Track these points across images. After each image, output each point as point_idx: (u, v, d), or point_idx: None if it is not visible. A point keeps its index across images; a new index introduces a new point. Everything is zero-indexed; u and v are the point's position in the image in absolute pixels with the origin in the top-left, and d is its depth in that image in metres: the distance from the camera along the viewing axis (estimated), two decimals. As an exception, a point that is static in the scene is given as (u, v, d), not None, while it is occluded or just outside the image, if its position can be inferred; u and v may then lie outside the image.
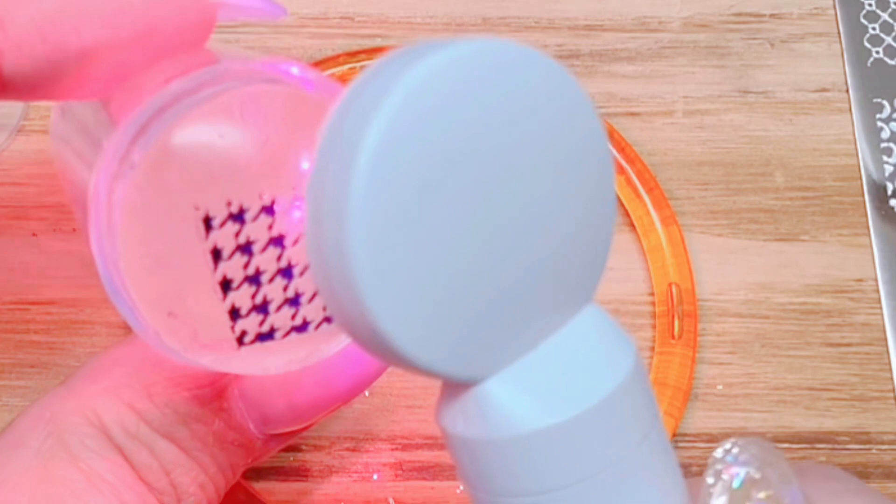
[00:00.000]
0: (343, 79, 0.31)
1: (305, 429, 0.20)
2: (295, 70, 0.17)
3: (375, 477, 0.28)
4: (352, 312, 0.13)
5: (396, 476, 0.28)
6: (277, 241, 0.17)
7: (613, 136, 0.31)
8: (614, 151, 0.31)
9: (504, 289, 0.14)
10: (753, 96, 0.33)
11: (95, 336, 0.29)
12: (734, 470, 0.17)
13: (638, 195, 0.31)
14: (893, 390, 0.29)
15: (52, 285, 0.29)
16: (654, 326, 0.29)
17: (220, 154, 0.17)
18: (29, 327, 0.29)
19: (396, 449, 0.28)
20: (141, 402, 0.18)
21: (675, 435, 0.28)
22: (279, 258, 0.17)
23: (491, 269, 0.14)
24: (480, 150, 0.14)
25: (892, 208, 0.31)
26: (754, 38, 0.33)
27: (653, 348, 0.29)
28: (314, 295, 0.17)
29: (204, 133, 0.16)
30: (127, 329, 0.29)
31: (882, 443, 0.29)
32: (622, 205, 0.31)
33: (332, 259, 0.13)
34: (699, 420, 0.29)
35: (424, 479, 0.28)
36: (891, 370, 0.29)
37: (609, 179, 0.15)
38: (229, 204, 0.16)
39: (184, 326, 0.17)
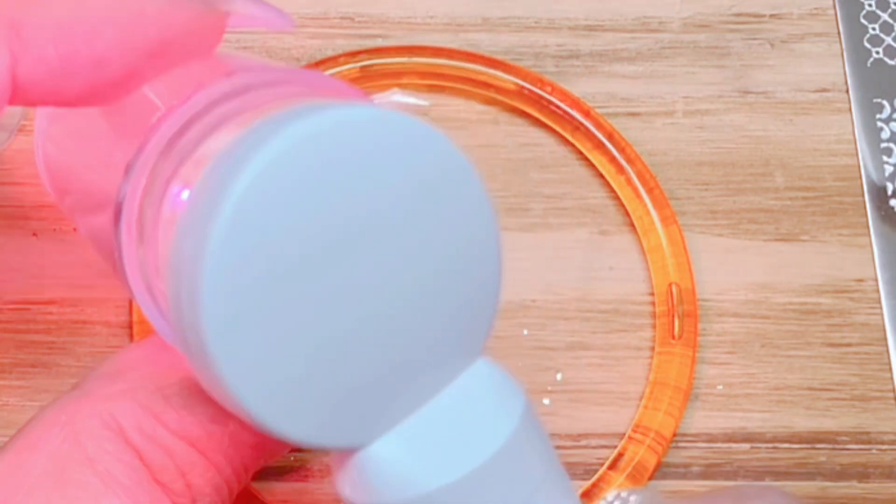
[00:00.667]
0: (343, 79, 0.31)
1: None
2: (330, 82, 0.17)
3: (375, 477, 0.28)
4: (221, 395, 0.13)
5: (396, 476, 0.28)
6: None
7: (614, 137, 0.31)
8: (615, 151, 0.31)
9: (378, 359, 0.14)
10: (753, 96, 0.33)
11: (95, 336, 0.29)
12: None
13: (638, 195, 0.31)
14: (893, 390, 0.29)
15: (52, 285, 0.29)
16: (654, 326, 0.29)
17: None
18: (29, 327, 0.29)
19: (396, 449, 0.28)
20: (157, 404, 0.18)
21: (674, 435, 0.28)
22: None
23: (361, 341, 0.14)
24: (342, 220, 0.13)
25: (892, 208, 0.31)
26: (754, 39, 0.33)
27: (653, 348, 0.29)
28: None
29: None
30: (128, 328, 0.29)
31: (882, 443, 0.29)
32: (622, 205, 0.31)
33: (193, 341, 0.13)
34: (699, 420, 0.29)
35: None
36: (891, 370, 0.30)
37: (492, 237, 0.15)
38: None
39: None
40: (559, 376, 0.29)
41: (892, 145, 0.32)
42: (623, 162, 0.31)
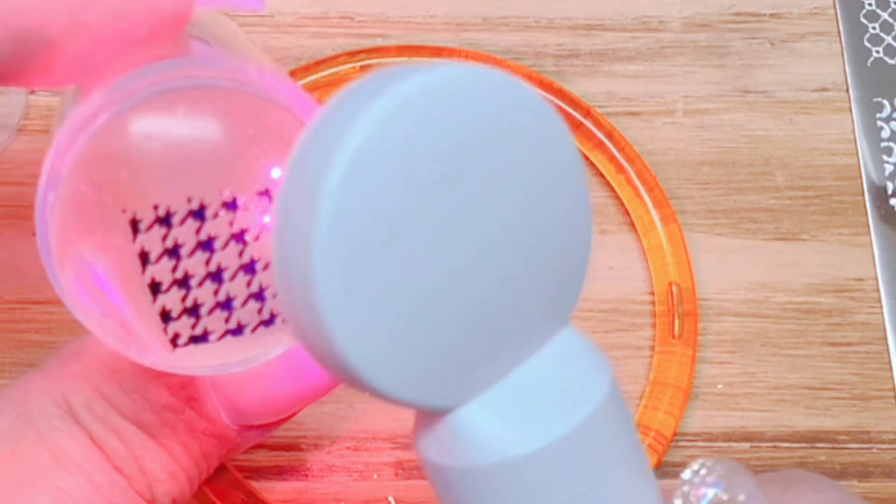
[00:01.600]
0: (343, 79, 0.31)
1: (283, 421, 0.20)
2: (257, 75, 0.17)
3: (375, 476, 0.28)
4: (319, 344, 0.13)
5: (396, 475, 0.28)
6: (206, 245, 0.17)
7: (614, 136, 0.31)
8: (615, 151, 0.31)
9: (476, 317, 0.14)
10: (753, 96, 0.33)
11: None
12: (702, 491, 0.17)
13: (638, 194, 0.31)
14: (893, 389, 0.29)
15: (52, 285, 0.29)
16: (654, 326, 0.29)
17: (153, 153, 0.16)
18: (29, 327, 0.29)
19: (397, 448, 0.28)
20: (109, 387, 0.18)
21: (674, 434, 0.28)
22: (208, 262, 0.17)
23: (462, 297, 0.14)
24: (450, 179, 0.13)
25: (892, 208, 0.31)
26: (754, 38, 0.33)
27: (653, 347, 0.29)
28: (247, 299, 0.17)
29: (137, 131, 0.16)
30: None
31: (882, 442, 0.29)
32: (622, 204, 0.31)
33: (298, 290, 0.13)
34: (699, 419, 0.29)
35: (424, 478, 0.28)
36: (891, 369, 0.30)
37: (584, 204, 0.15)
38: (156, 207, 0.16)
39: (119, 327, 0.17)
40: (559, 376, 0.29)
41: (892, 145, 0.32)
42: (623, 161, 0.31)
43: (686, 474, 0.17)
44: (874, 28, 0.34)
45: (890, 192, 0.32)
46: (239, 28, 0.23)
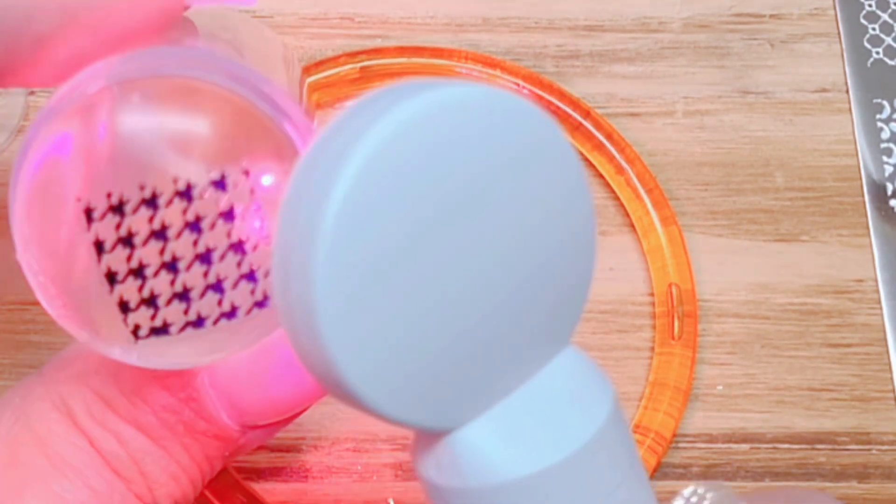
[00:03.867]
0: (343, 79, 0.31)
1: (287, 421, 0.20)
2: (242, 73, 0.17)
3: (375, 477, 0.28)
4: (318, 365, 0.13)
5: (396, 476, 0.28)
6: (160, 234, 0.17)
7: (613, 137, 0.31)
8: (614, 152, 0.31)
9: (478, 338, 0.14)
10: (753, 96, 0.33)
11: (95, 336, 0.29)
12: None
13: (638, 195, 0.31)
14: (893, 391, 0.29)
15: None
16: (654, 327, 0.29)
17: (110, 141, 0.17)
18: (29, 327, 0.29)
19: (396, 449, 0.28)
20: (107, 389, 0.18)
21: (674, 435, 0.28)
22: (162, 252, 0.17)
23: (463, 319, 0.14)
24: (452, 202, 0.13)
25: (892, 208, 0.31)
26: (754, 39, 0.33)
27: (653, 348, 0.29)
28: (205, 291, 0.17)
29: (96, 120, 0.16)
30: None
31: (882, 443, 0.29)
32: (622, 205, 0.31)
33: (298, 309, 0.13)
34: (699, 420, 0.29)
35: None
36: (891, 370, 0.30)
37: (588, 224, 0.15)
38: (109, 196, 0.16)
39: (82, 318, 0.17)
40: (559, 377, 0.29)
41: (892, 145, 0.32)
42: (623, 162, 0.31)
43: (677, 501, 0.17)
44: (874, 29, 0.34)
45: (890, 192, 0.32)
46: (279, 40, 0.23)
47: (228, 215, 0.17)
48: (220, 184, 0.17)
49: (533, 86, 0.32)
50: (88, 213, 0.16)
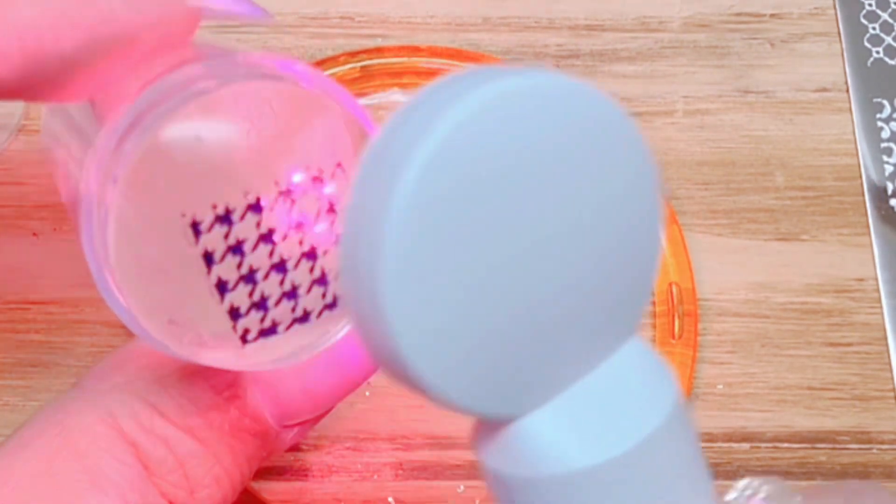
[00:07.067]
0: (343, 79, 0.31)
1: (320, 418, 0.20)
2: (285, 65, 0.17)
3: (375, 477, 0.28)
4: (385, 351, 0.13)
5: (396, 476, 0.28)
6: (267, 237, 0.17)
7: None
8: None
9: (544, 325, 0.14)
10: (753, 96, 0.33)
11: (95, 336, 0.29)
12: None
13: (638, 195, 0.31)
14: (893, 390, 0.29)
15: (52, 285, 0.29)
16: (654, 326, 0.29)
17: (203, 154, 0.17)
18: (29, 327, 0.29)
19: (397, 448, 0.28)
20: (154, 395, 0.18)
21: (675, 434, 0.28)
22: (271, 254, 0.17)
23: (530, 305, 0.14)
24: (523, 186, 0.13)
25: (892, 208, 0.31)
26: (754, 38, 0.33)
27: (653, 348, 0.29)
28: (311, 285, 0.18)
29: (184, 135, 0.16)
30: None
31: (882, 442, 0.29)
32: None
33: (365, 293, 0.13)
34: (699, 420, 0.29)
35: (425, 478, 0.28)
36: (891, 370, 0.30)
37: (655, 213, 0.15)
38: (215, 207, 0.16)
39: (186, 331, 0.17)
40: (559, 376, 0.29)
41: (892, 145, 0.32)
42: (623, 162, 0.31)
43: (731, 495, 0.17)
44: (874, 28, 0.34)
45: (890, 192, 0.32)
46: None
47: (330, 209, 0.17)
48: (318, 179, 0.17)
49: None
50: (194, 226, 0.16)
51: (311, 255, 0.17)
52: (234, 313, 0.17)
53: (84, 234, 0.16)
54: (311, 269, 0.17)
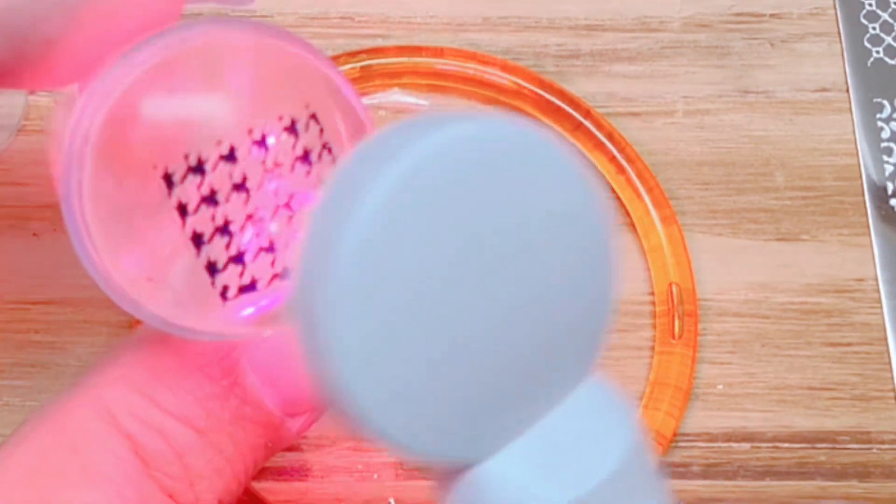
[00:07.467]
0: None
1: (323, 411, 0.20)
2: (258, 24, 0.17)
3: (376, 476, 0.28)
4: (339, 401, 0.13)
5: (397, 476, 0.28)
6: (241, 186, 0.17)
7: (614, 137, 0.31)
8: (615, 151, 0.31)
9: (498, 372, 0.14)
10: (753, 96, 0.33)
11: (96, 336, 0.29)
12: None
13: (638, 195, 0.31)
14: (894, 390, 0.29)
15: (52, 285, 0.29)
16: (654, 326, 0.30)
17: (174, 107, 0.17)
18: (29, 327, 0.29)
19: (397, 449, 0.28)
20: (150, 385, 0.18)
21: (675, 435, 0.28)
22: (246, 203, 0.17)
23: (484, 353, 0.14)
24: (472, 232, 0.13)
25: (892, 208, 0.31)
26: (754, 38, 0.33)
27: (653, 348, 0.29)
28: (289, 239, 0.17)
29: (154, 88, 0.16)
30: (129, 328, 0.29)
31: (882, 442, 0.29)
32: (622, 205, 0.31)
33: (317, 340, 0.13)
34: (699, 420, 0.29)
35: (425, 478, 0.28)
36: (891, 370, 0.30)
37: (607, 259, 0.15)
38: (187, 157, 0.16)
39: (164, 290, 0.17)
40: (559, 376, 0.29)
41: (892, 145, 0.32)
42: (623, 162, 0.31)
43: None
44: (874, 28, 0.34)
45: (890, 192, 0.32)
46: None
47: (304, 159, 0.17)
48: (291, 129, 0.17)
49: (533, 85, 0.32)
50: (167, 178, 0.16)
51: (287, 206, 0.17)
52: (212, 268, 0.17)
53: (62, 197, 0.16)
54: (289, 221, 0.17)
